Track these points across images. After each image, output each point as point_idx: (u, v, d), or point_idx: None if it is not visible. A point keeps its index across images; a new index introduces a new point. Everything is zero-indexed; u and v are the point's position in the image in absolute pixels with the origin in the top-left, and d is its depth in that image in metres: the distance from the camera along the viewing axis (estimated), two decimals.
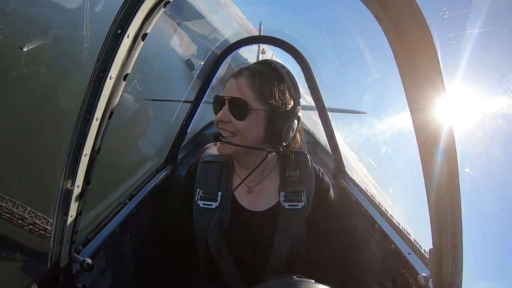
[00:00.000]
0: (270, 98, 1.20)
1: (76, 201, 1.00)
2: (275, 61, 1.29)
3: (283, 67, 1.26)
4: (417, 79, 0.79)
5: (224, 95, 1.24)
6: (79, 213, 1.04)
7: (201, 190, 1.36)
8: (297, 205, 1.32)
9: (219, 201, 1.33)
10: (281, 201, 1.32)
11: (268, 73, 1.24)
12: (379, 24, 0.76)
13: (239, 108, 1.19)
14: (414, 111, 0.85)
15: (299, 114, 1.26)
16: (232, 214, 1.33)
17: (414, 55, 0.76)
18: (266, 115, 1.20)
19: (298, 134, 1.33)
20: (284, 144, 1.22)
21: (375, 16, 0.75)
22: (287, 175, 1.36)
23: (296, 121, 1.23)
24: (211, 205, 1.33)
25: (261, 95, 1.20)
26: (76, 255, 1.14)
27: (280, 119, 1.19)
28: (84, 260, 1.13)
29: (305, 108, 1.44)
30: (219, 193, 1.34)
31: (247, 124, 1.20)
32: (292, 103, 1.23)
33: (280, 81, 1.23)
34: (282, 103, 1.21)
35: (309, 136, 3.30)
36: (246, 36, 2.18)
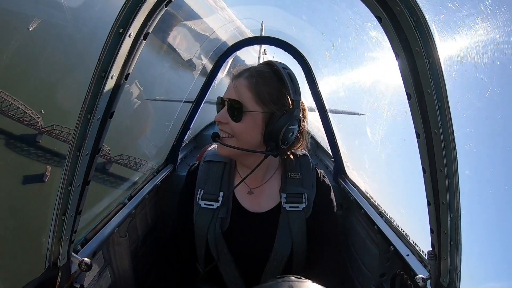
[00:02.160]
0: (268, 100, 1.19)
1: (75, 200, 0.99)
2: (277, 62, 1.27)
3: (285, 68, 1.24)
4: (418, 80, 0.79)
5: (224, 96, 1.24)
6: (78, 213, 1.04)
7: (203, 190, 1.36)
8: (298, 207, 1.32)
9: (220, 202, 1.32)
10: (282, 203, 1.32)
11: (268, 75, 1.23)
12: (380, 24, 0.76)
13: (235, 110, 1.19)
14: (414, 111, 0.85)
15: (301, 116, 1.24)
16: (233, 215, 1.33)
17: (415, 56, 0.76)
18: (264, 117, 1.19)
19: (300, 137, 1.32)
20: (282, 147, 1.21)
21: (376, 17, 0.75)
22: (289, 176, 1.36)
23: (296, 124, 1.21)
24: (213, 205, 1.32)
25: (258, 97, 1.19)
26: (75, 255, 1.13)
27: (278, 122, 1.17)
28: (83, 260, 1.12)
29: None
30: (221, 194, 1.34)
31: (243, 126, 1.20)
32: (292, 105, 1.21)
33: (280, 83, 1.21)
34: (281, 105, 1.19)
35: (309, 137, 3.30)
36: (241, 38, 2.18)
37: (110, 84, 0.87)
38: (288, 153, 1.37)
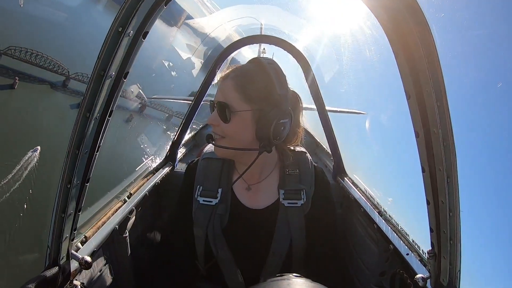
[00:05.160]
0: (255, 97, 1.19)
1: (75, 198, 1.00)
2: (263, 58, 1.28)
3: (270, 63, 1.24)
4: (417, 79, 0.79)
5: (214, 99, 1.26)
6: (78, 211, 1.04)
7: (201, 187, 1.36)
8: (297, 203, 1.32)
9: (219, 198, 1.33)
10: (280, 199, 1.33)
11: (253, 72, 1.23)
12: (380, 24, 0.76)
13: (224, 112, 1.20)
14: (413, 111, 0.85)
15: (290, 111, 1.24)
16: (232, 211, 1.33)
17: (414, 55, 0.76)
18: (253, 115, 1.20)
19: (294, 131, 1.32)
20: (275, 142, 1.21)
21: (376, 16, 0.75)
22: (287, 173, 1.36)
23: (287, 118, 1.21)
24: (211, 201, 1.33)
25: (245, 96, 1.20)
26: (75, 253, 1.14)
27: (267, 118, 1.18)
28: (83, 257, 1.13)
29: (305, 108, 1.44)
30: (219, 190, 1.34)
31: (233, 126, 1.21)
32: (280, 100, 1.20)
33: (266, 79, 1.21)
34: (268, 101, 1.20)
35: (309, 136, 3.30)
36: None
37: (109, 82, 0.86)
38: (285, 148, 1.37)
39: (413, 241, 1.41)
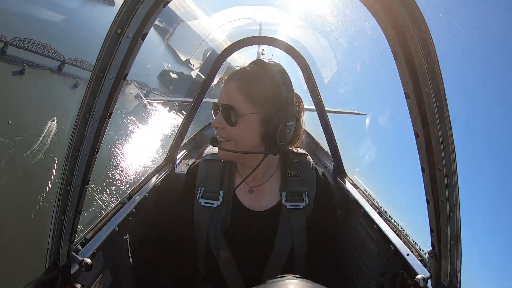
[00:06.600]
0: (260, 100, 1.19)
1: (75, 200, 0.99)
2: (267, 59, 1.28)
3: (275, 65, 1.24)
4: (416, 79, 0.79)
5: (218, 101, 1.25)
6: (78, 213, 1.04)
7: (203, 189, 1.36)
8: (299, 205, 1.32)
9: (221, 200, 1.33)
10: (282, 201, 1.32)
11: (258, 74, 1.23)
12: (378, 24, 0.76)
13: (229, 115, 1.19)
14: (412, 111, 0.85)
15: (295, 113, 1.24)
16: (234, 213, 1.33)
17: (412, 55, 0.76)
18: (258, 118, 1.19)
19: (296, 133, 1.32)
20: (281, 145, 1.21)
21: (375, 16, 0.75)
22: (289, 175, 1.36)
23: (292, 120, 1.21)
24: (213, 203, 1.33)
25: (251, 98, 1.19)
26: (75, 255, 1.13)
27: (273, 121, 1.17)
28: (83, 259, 1.12)
29: (304, 109, 1.44)
30: (221, 192, 1.34)
31: (239, 129, 1.20)
32: (285, 103, 1.20)
33: (271, 81, 1.21)
34: (274, 103, 1.19)
35: (308, 136, 3.31)
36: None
37: (108, 84, 0.86)
38: (287, 150, 1.37)
39: (413, 241, 1.41)
